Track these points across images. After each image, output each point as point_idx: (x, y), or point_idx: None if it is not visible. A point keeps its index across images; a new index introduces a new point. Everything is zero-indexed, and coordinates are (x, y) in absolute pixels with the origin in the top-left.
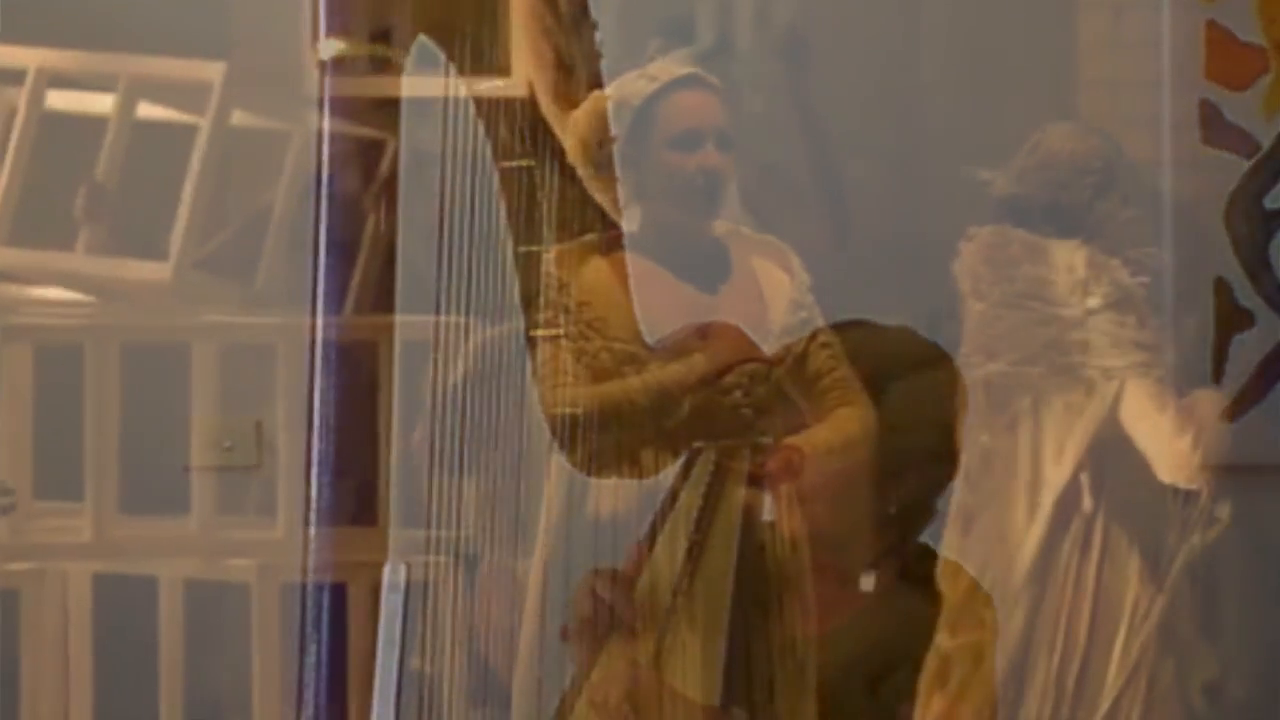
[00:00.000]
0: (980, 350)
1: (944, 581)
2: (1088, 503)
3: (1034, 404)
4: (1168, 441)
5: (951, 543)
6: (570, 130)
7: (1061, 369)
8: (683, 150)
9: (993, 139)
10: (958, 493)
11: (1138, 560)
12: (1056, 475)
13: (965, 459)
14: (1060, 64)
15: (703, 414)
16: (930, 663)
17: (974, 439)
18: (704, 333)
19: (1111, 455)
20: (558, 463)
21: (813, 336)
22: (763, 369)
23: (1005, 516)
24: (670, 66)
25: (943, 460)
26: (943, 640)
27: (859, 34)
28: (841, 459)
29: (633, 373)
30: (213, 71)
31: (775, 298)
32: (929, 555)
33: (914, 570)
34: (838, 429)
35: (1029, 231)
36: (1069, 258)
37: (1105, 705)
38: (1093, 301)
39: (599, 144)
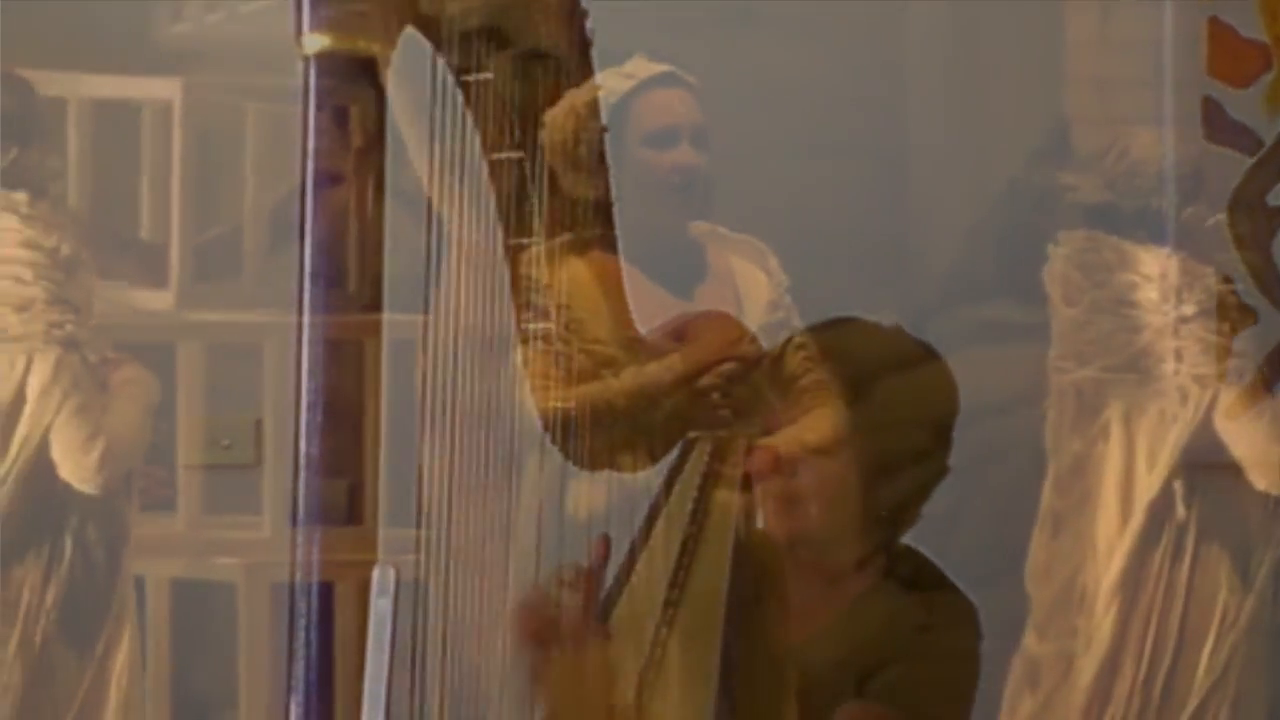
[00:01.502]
0: (1071, 356)
1: (1033, 584)
2: (1181, 511)
3: (1126, 411)
4: (1263, 448)
5: (1039, 545)
6: (547, 128)
7: (1155, 376)
8: (658, 148)
9: (982, 138)
10: (1046, 496)
11: (1228, 567)
12: (1149, 482)
13: (1055, 464)
14: (1048, 62)
15: (681, 415)
16: (1018, 666)
17: (1065, 444)
18: (680, 333)
19: (1205, 463)
20: (535, 461)
21: (789, 338)
22: (740, 370)
23: (1096, 522)
24: (646, 64)
25: (933, 460)
26: (1032, 644)
27: (847, 34)
28: (816, 460)
29: (612, 375)
30: (170, 88)
31: (752, 298)
32: (912, 555)
33: (898, 570)
34: (812, 430)
35: (1120, 238)
36: (1161, 264)
37: (1190, 709)
38: (1186, 309)
39: (577, 142)
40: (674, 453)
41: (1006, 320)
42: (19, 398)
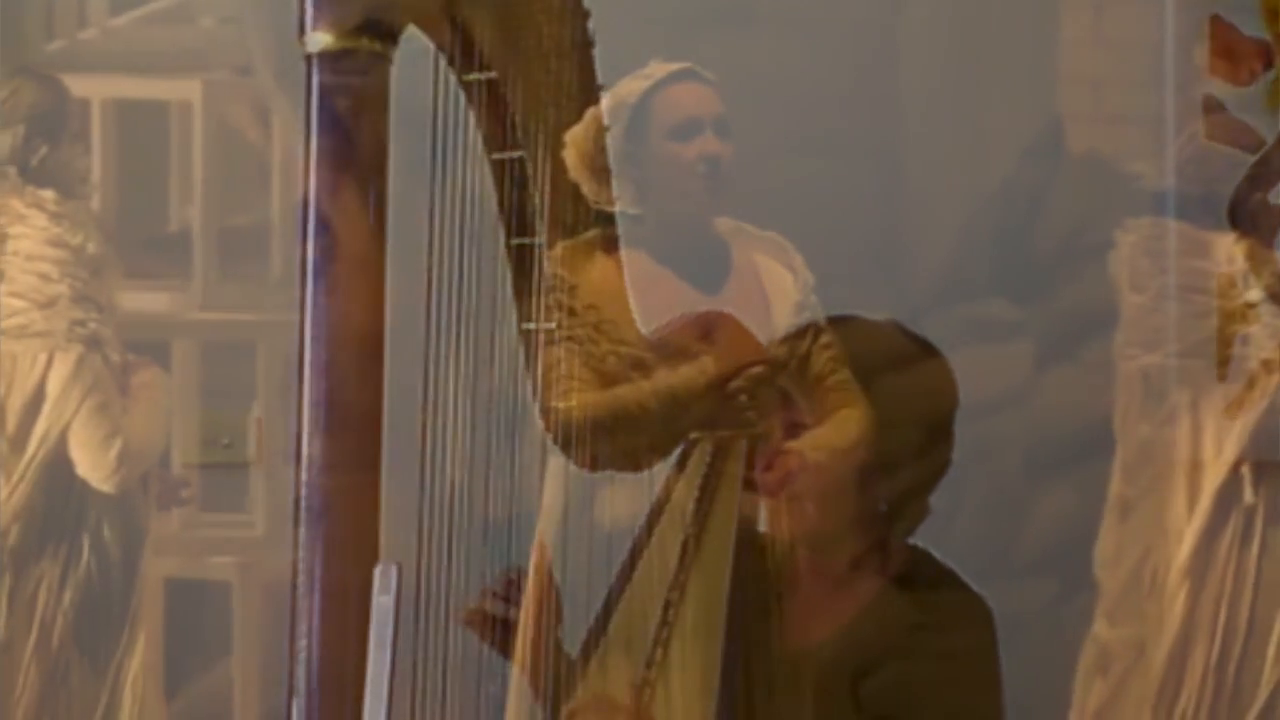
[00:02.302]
0: (1138, 342)
1: (1102, 570)
2: (1248, 495)
3: (1194, 396)
4: None
5: (1109, 531)
6: (570, 144)
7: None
8: (682, 139)
9: (976, 136)
10: (1115, 482)
11: None
12: (1217, 468)
13: (1122, 450)
14: (1043, 61)
15: (709, 417)
16: (1089, 652)
17: (1132, 430)
18: (706, 331)
19: (1273, 448)
20: (556, 463)
21: (815, 337)
22: (767, 372)
23: (1165, 508)
24: (663, 65)
25: (933, 456)
26: (1102, 630)
27: (840, 32)
28: (843, 461)
29: (641, 376)
30: (189, 90)
31: (779, 297)
32: (909, 553)
33: (895, 567)
34: (840, 432)
35: (1187, 224)
36: (1228, 250)
37: (1263, 697)
38: (1253, 294)
39: (599, 151)
40: (676, 453)
41: (999, 318)
42: (39, 394)
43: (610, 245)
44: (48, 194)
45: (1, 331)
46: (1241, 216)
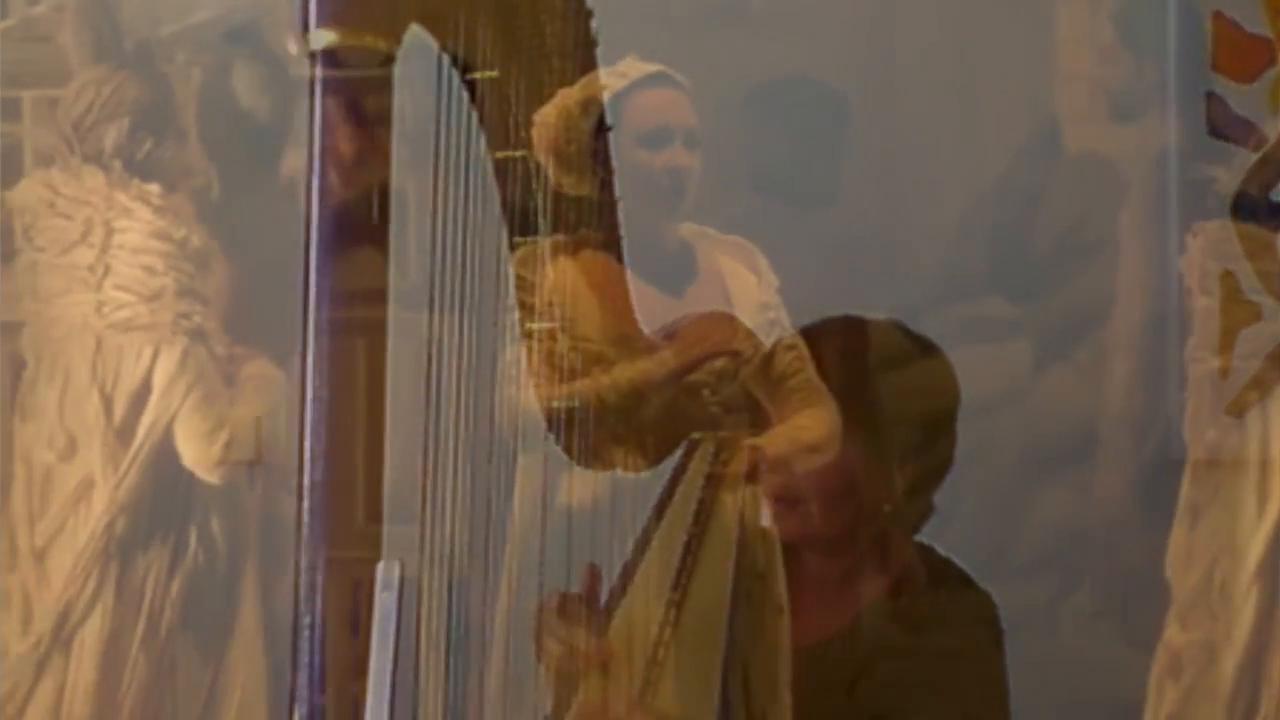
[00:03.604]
0: (1207, 345)
1: (1173, 575)
2: None
3: (1262, 399)
4: None
5: (1179, 537)
6: (537, 126)
7: None
8: (651, 148)
9: (971, 135)
10: (1184, 487)
11: None
12: None
13: (1192, 454)
14: (1039, 59)
15: (672, 412)
16: (1161, 657)
17: (1201, 434)
18: (673, 331)
19: None
20: (527, 460)
21: (779, 338)
22: (730, 367)
23: (1234, 511)
24: (638, 64)
25: (935, 453)
26: (1174, 635)
27: (837, 30)
28: (805, 460)
29: (601, 372)
30: None
31: (742, 299)
32: (919, 552)
33: (897, 567)
34: (802, 430)
35: (1255, 227)
36: None
37: None
38: None
39: (567, 140)
40: (678, 453)
41: (996, 318)
42: (145, 386)
43: (583, 243)
44: (153, 188)
45: (108, 324)
46: (1245, 213)
